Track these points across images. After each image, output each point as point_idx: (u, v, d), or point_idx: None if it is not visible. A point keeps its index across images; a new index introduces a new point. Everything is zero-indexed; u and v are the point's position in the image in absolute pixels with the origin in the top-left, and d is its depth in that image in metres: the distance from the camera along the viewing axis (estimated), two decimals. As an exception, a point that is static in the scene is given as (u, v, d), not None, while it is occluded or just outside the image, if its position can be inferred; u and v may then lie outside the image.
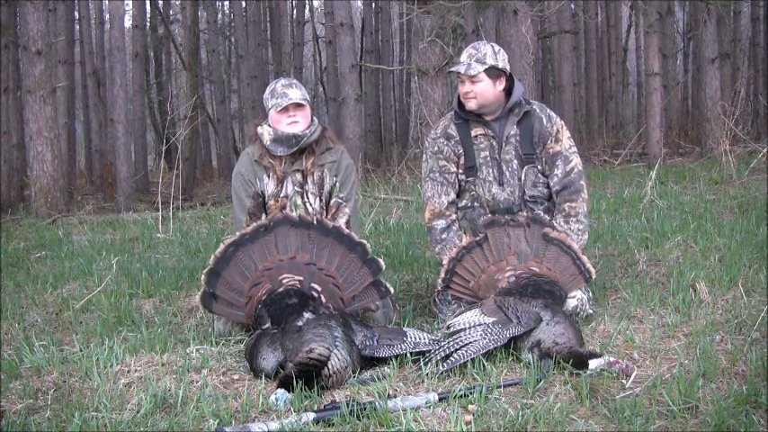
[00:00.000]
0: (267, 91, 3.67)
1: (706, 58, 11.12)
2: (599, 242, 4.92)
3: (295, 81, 3.68)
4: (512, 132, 3.66)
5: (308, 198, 3.61)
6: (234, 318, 3.26)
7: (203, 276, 3.22)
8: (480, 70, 3.57)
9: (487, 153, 3.68)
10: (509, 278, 3.31)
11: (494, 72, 3.59)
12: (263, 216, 3.52)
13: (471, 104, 3.63)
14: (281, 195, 3.58)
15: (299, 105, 3.57)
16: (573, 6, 15.78)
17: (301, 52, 19.16)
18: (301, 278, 3.23)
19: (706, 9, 10.80)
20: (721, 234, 4.83)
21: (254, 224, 3.33)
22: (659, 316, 3.38)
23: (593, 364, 2.63)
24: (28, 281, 4.68)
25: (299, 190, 3.61)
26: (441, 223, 3.69)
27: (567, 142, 3.67)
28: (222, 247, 3.26)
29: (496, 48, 3.67)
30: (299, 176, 3.62)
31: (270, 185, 3.61)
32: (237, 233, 3.31)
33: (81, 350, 3.18)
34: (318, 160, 3.63)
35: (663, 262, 4.34)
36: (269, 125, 3.63)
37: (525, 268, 3.33)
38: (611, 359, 2.65)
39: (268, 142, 3.59)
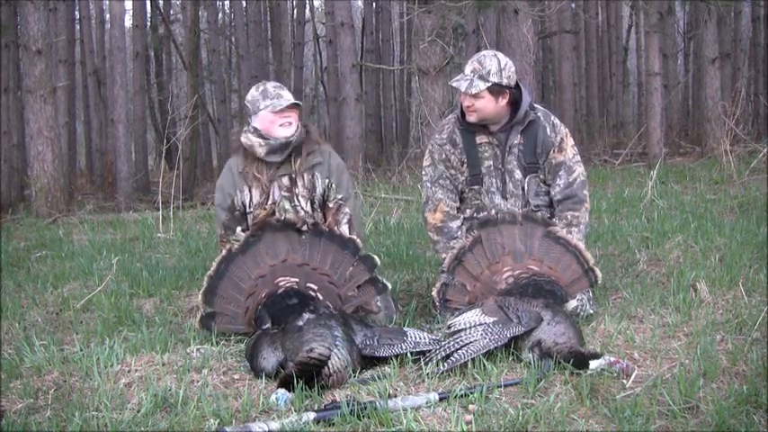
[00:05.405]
0: (255, 92, 3.58)
1: (706, 58, 11.11)
2: (599, 242, 4.91)
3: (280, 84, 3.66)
4: (515, 141, 3.59)
5: (298, 202, 3.57)
6: (235, 330, 3.30)
7: (201, 297, 3.29)
8: (482, 88, 3.44)
9: (491, 162, 3.62)
10: (507, 279, 3.31)
11: (496, 88, 3.47)
12: (238, 228, 3.52)
13: (471, 118, 3.56)
14: (269, 203, 3.54)
15: (293, 106, 3.54)
16: (573, 6, 15.78)
17: (302, 52, 19.14)
18: (297, 279, 3.25)
19: (706, 9, 10.79)
20: (722, 234, 4.82)
21: (245, 235, 3.36)
22: (660, 316, 3.38)
23: (594, 363, 2.63)
24: (28, 280, 4.68)
25: (287, 194, 3.56)
26: (456, 223, 3.68)
27: (570, 151, 3.61)
28: (214, 264, 3.30)
29: (503, 62, 3.50)
30: (285, 181, 3.57)
31: (254, 195, 3.56)
32: (225, 250, 3.34)
33: (81, 350, 3.18)
34: (306, 162, 3.58)
35: (663, 262, 4.34)
36: (255, 132, 3.53)
37: (524, 268, 3.32)
38: (612, 359, 2.65)
39: (263, 154, 3.51)
